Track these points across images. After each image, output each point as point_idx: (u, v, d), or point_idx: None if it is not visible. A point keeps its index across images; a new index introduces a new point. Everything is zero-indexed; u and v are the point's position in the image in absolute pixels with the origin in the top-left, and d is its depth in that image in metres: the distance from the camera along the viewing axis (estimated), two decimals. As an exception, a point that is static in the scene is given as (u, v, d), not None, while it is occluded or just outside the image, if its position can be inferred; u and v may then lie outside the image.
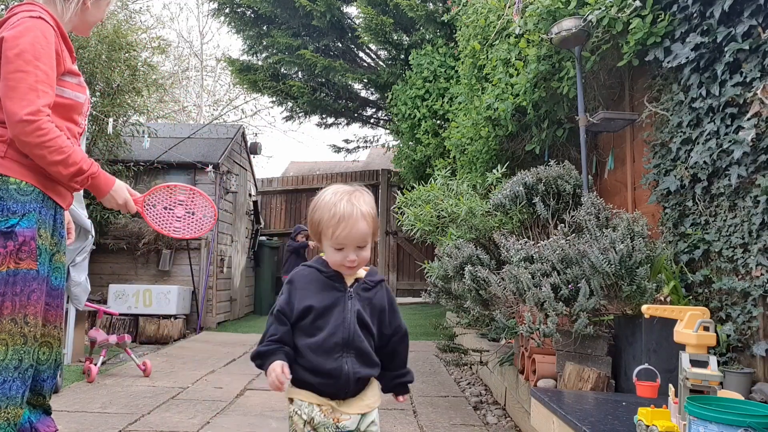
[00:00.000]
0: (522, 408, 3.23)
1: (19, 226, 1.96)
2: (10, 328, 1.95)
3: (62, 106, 2.09)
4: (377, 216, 1.61)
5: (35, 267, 2.00)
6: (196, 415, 3.49)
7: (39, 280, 2.02)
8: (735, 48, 2.72)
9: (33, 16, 2.00)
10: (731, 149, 2.73)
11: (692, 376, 1.83)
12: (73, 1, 2.16)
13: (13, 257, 1.95)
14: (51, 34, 2.02)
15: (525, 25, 4.18)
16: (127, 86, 6.89)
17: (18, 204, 1.99)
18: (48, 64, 1.98)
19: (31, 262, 1.99)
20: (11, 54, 1.93)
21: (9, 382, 1.96)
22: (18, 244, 1.96)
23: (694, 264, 3.06)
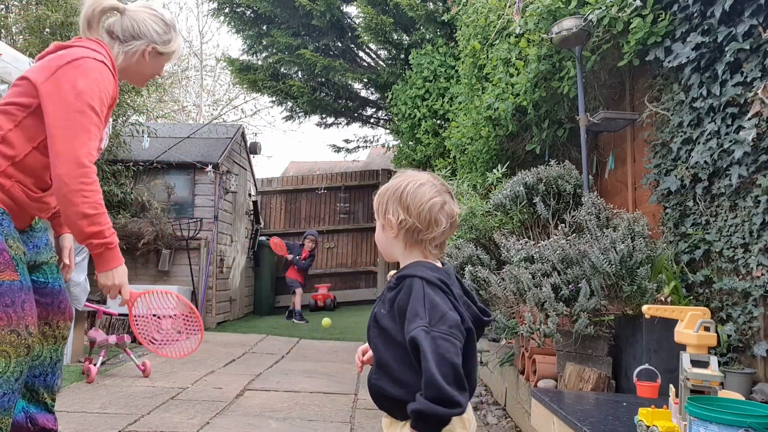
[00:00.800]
0: (522, 408, 3.23)
1: None
2: (12, 340, 1.91)
3: None
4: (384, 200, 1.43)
5: (17, 277, 1.94)
6: (196, 415, 3.49)
7: (25, 290, 1.95)
8: (736, 48, 2.72)
9: (98, 59, 1.99)
10: (732, 149, 2.73)
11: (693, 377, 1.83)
12: (132, 48, 2.14)
13: None
14: (110, 82, 2.03)
15: (525, 25, 4.18)
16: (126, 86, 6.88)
17: None
18: (102, 111, 1.98)
19: (11, 272, 1.92)
20: (72, 93, 1.91)
21: (9, 395, 1.94)
22: None
23: (695, 264, 3.06)
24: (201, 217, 7.88)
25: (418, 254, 1.40)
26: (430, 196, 1.37)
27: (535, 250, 3.17)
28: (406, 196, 1.38)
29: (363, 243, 10.88)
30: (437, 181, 1.42)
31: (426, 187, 1.39)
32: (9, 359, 1.90)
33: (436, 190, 1.39)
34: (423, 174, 1.43)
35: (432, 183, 1.40)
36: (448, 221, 1.38)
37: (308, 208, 11.13)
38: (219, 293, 8.12)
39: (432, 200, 1.37)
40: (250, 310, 9.82)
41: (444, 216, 1.37)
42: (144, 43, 2.15)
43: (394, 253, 1.44)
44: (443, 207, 1.38)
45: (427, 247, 1.39)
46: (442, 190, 1.40)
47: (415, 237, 1.39)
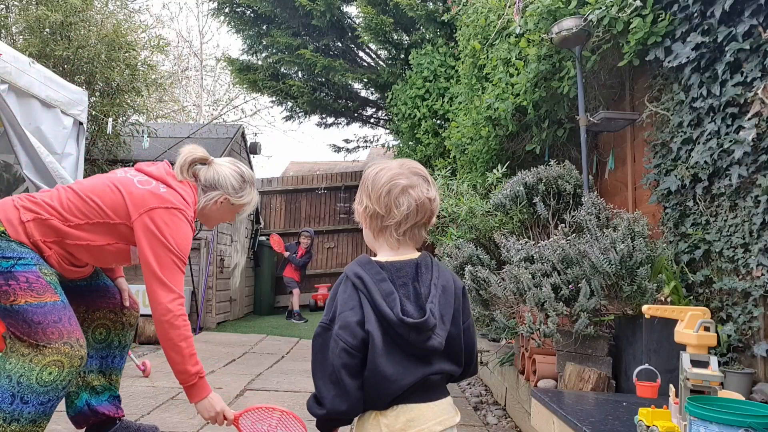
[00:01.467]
0: (522, 408, 3.23)
1: (18, 267, 2.12)
2: (67, 351, 2.12)
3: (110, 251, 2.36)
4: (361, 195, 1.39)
5: (58, 298, 2.17)
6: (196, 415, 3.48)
7: (68, 308, 2.20)
8: (736, 48, 2.72)
9: (187, 218, 2.29)
10: (732, 149, 2.73)
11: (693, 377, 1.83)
12: (209, 196, 2.45)
13: (28, 292, 2.10)
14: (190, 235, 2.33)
15: (525, 25, 4.18)
16: (126, 86, 6.88)
17: (14, 252, 2.14)
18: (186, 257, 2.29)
19: (52, 295, 2.15)
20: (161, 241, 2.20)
21: (53, 401, 2.15)
22: (24, 282, 2.11)
23: (695, 264, 3.06)
24: (201, 217, 7.86)
25: (383, 242, 1.35)
26: (390, 178, 1.31)
27: (535, 250, 3.17)
28: (368, 182, 1.35)
29: (363, 243, 10.85)
30: (408, 165, 1.35)
31: (386, 171, 1.33)
32: (62, 368, 2.12)
33: (400, 173, 1.32)
34: (392, 161, 1.37)
35: (398, 167, 1.34)
36: (413, 203, 1.30)
37: (308, 208, 11.13)
38: (219, 293, 8.12)
39: (392, 182, 1.31)
40: (250, 310, 9.82)
41: (406, 198, 1.30)
42: (220, 193, 2.46)
43: (370, 245, 1.40)
44: (406, 189, 1.30)
45: (392, 234, 1.32)
46: (410, 173, 1.33)
47: (379, 224, 1.33)
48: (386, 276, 1.28)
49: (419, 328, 1.24)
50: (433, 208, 1.35)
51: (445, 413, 1.31)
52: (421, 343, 1.25)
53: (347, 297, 1.28)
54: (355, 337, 1.24)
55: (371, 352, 1.24)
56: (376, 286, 1.26)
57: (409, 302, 1.28)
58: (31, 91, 4.44)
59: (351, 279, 1.29)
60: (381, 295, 1.26)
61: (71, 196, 2.25)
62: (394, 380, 1.25)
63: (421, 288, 1.30)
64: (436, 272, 1.33)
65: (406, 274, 1.31)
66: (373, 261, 1.32)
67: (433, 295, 1.28)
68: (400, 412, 1.27)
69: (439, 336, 1.27)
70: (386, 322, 1.24)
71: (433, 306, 1.27)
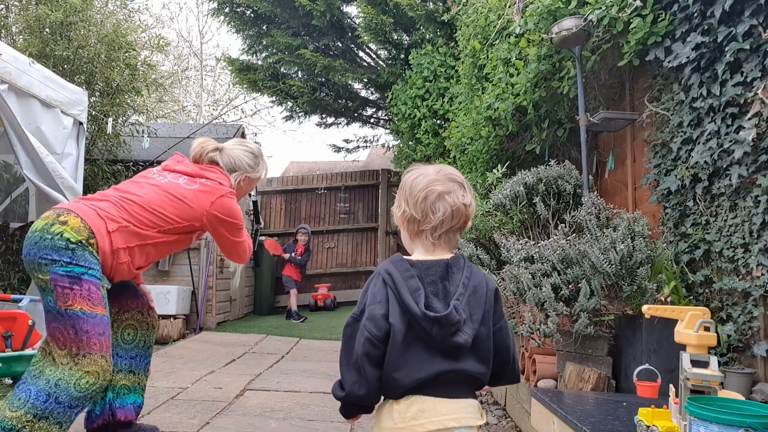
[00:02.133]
0: (522, 408, 3.23)
1: (86, 276, 2.25)
2: (102, 364, 2.24)
3: None
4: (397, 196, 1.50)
5: (106, 313, 2.30)
6: (196, 415, 3.49)
7: (110, 326, 2.34)
8: (736, 48, 2.72)
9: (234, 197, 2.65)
10: (732, 149, 2.73)
11: (693, 377, 1.83)
12: (232, 178, 2.72)
13: (86, 301, 2.22)
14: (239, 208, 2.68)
15: (525, 25, 4.18)
16: (126, 86, 6.89)
17: (87, 261, 2.27)
18: None
19: (103, 309, 2.28)
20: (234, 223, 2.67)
21: (79, 408, 2.23)
22: (87, 291, 2.23)
23: (695, 264, 3.06)
24: (201, 217, 7.86)
25: (419, 245, 1.40)
26: (426, 184, 1.36)
27: (535, 250, 3.17)
28: (406, 188, 1.40)
29: (363, 243, 10.87)
30: (445, 171, 1.40)
31: (424, 177, 1.38)
32: (97, 379, 2.23)
33: (436, 179, 1.37)
34: (432, 166, 1.42)
35: (435, 173, 1.39)
36: (449, 209, 1.35)
37: (308, 208, 11.13)
38: (219, 293, 8.12)
39: (428, 188, 1.36)
40: (250, 310, 9.82)
41: (442, 204, 1.35)
42: (240, 173, 2.74)
43: (407, 246, 1.45)
44: (442, 195, 1.35)
45: (428, 238, 1.38)
46: (447, 179, 1.38)
47: (416, 228, 1.39)
48: (415, 273, 1.34)
49: (441, 323, 1.28)
50: (469, 213, 1.40)
51: (463, 412, 1.33)
52: (446, 338, 1.29)
53: (376, 291, 1.35)
54: (380, 329, 1.30)
55: (391, 344, 1.30)
56: (404, 282, 1.32)
57: (437, 299, 1.33)
58: (31, 91, 4.44)
59: (381, 275, 1.35)
60: (408, 291, 1.31)
61: (137, 210, 2.43)
62: (411, 375, 1.30)
63: (451, 287, 1.35)
64: (468, 272, 1.38)
65: (435, 273, 1.36)
66: (404, 259, 1.38)
67: (460, 293, 1.33)
68: (413, 402, 1.31)
69: (466, 333, 1.31)
70: (411, 315, 1.30)
71: (459, 303, 1.31)
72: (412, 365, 1.30)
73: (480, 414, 1.36)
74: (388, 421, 1.32)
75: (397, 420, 1.31)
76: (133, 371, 2.74)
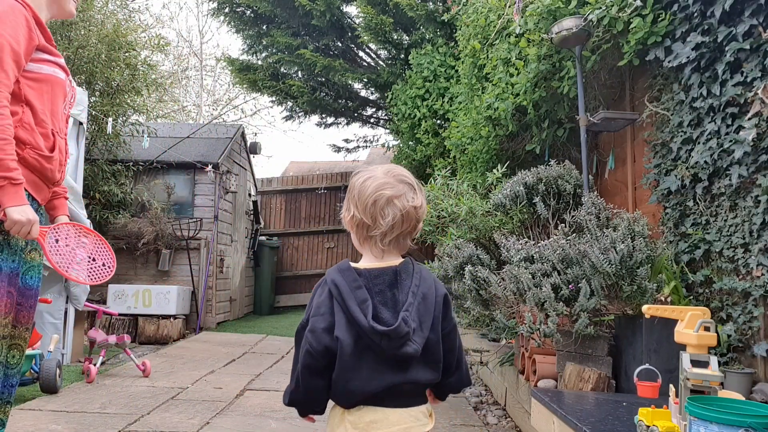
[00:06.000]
0: (522, 408, 3.23)
1: None
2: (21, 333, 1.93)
3: (42, 82, 2.08)
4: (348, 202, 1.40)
5: None
6: (196, 415, 3.49)
7: (1, 277, 1.94)
8: (736, 47, 2.72)
9: None
10: (732, 149, 2.73)
11: (693, 377, 1.83)
12: None
13: None
14: (20, 9, 2.01)
15: (525, 25, 4.18)
16: (126, 86, 6.89)
17: None
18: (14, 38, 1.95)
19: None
20: None
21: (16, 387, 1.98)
22: None
23: (695, 264, 3.06)
24: (201, 217, 7.88)
25: (368, 250, 1.36)
26: (375, 188, 1.31)
27: (535, 250, 3.17)
28: (354, 191, 1.35)
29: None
30: (394, 172, 1.35)
31: (373, 180, 1.33)
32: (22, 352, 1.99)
33: (385, 182, 1.32)
34: (380, 167, 1.37)
35: (383, 175, 1.33)
36: (398, 214, 1.30)
37: (308, 207, 11.13)
38: (219, 293, 8.12)
39: (377, 193, 1.31)
40: (250, 310, 9.82)
41: (392, 209, 1.30)
42: None
43: (357, 249, 1.41)
44: (391, 200, 1.30)
45: (377, 244, 1.33)
46: (396, 181, 1.33)
47: (365, 233, 1.34)
48: (362, 283, 1.30)
49: (390, 336, 1.25)
50: (419, 216, 1.36)
51: (413, 420, 1.32)
52: (395, 350, 1.26)
53: (321, 302, 1.31)
54: (319, 343, 1.27)
55: (339, 357, 1.26)
56: (351, 293, 1.28)
57: (386, 309, 1.29)
58: (31, 91, 4.43)
59: (328, 285, 1.32)
60: (355, 302, 1.27)
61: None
62: (360, 387, 1.28)
63: (400, 295, 1.31)
64: (417, 279, 1.33)
65: (383, 282, 1.32)
66: (351, 268, 1.33)
67: (409, 303, 1.29)
68: (365, 412, 1.30)
69: (416, 343, 1.28)
70: (359, 327, 1.26)
71: (408, 314, 1.28)
72: (362, 377, 1.27)
73: (429, 418, 1.36)
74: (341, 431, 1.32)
75: (349, 430, 1.30)
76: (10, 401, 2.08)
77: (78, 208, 4.69)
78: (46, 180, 2.12)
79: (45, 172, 2.08)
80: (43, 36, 2.12)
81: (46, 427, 3.12)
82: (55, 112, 2.14)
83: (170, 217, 7.64)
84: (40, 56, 2.09)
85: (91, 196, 6.67)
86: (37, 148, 2.03)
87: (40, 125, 2.07)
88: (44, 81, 2.09)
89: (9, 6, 2.00)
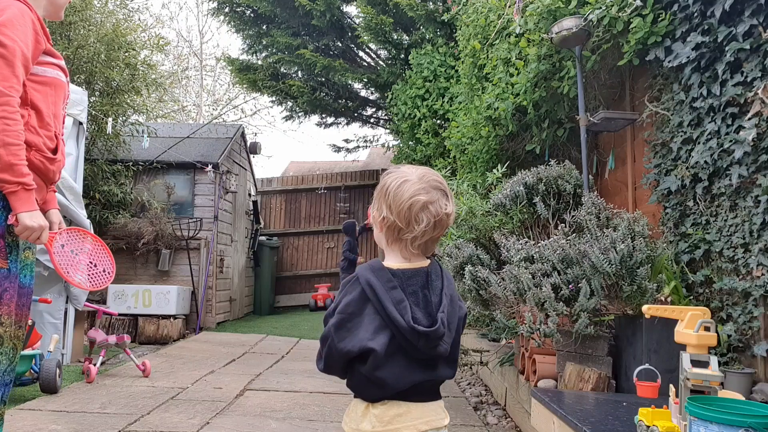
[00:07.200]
0: (522, 408, 3.23)
1: None
2: None
3: (46, 85, 2.10)
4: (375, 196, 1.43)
5: (6, 266, 1.97)
6: (196, 415, 3.49)
7: (11, 279, 1.98)
8: (736, 47, 2.72)
9: None
10: (732, 149, 2.73)
11: (693, 377, 1.83)
12: None
13: None
14: (28, 13, 2.04)
15: (525, 25, 4.18)
16: (126, 85, 6.89)
17: None
18: (25, 42, 1.97)
19: (1, 260, 1.95)
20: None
21: (9, 386, 1.97)
22: None
23: (695, 264, 3.06)
24: (201, 217, 7.88)
25: (396, 251, 1.37)
26: (411, 194, 1.32)
27: (535, 250, 3.17)
28: (388, 194, 1.35)
29: (363, 243, 10.88)
30: (428, 177, 1.36)
31: (409, 184, 1.34)
32: None
33: (421, 187, 1.33)
34: (414, 170, 1.38)
35: (418, 180, 1.34)
36: (432, 220, 1.32)
37: (308, 207, 11.14)
38: (219, 293, 8.12)
39: (413, 198, 1.32)
40: (250, 310, 9.82)
41: (426, 215, 1.31)
42: None
43: (381, 247, 1.43)
44: (426, 206, 1.32)
45: (407, 246, 1.35)
46: (431, 187, 1.34)
47: (396, 235, 1.35)
48: (397, 283, 1.32)
49: (429, 336, 1.29)
50: (449, 223, 1.38)
51: (433, 414, 1.36)
52: (430, 350, 1.30)
53: (350, 300, 1.32)
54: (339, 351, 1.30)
55: (373, 357, 1.28)
56: (387, 293, 1.30)
57: (418, 309, 1.32)
58: (31, 90, 4.43)
59: (362, 285, 1.32)
60: (392, 302, 1.29)
61: None
62: (392, 385, 1.30)
63: (432, 296, 1.34)
64: (446, 281, 1.37)
65: (416, 282, 1.35)
66: (385, 268, 1.34)
67: (444, 305, 1.33)
68: (390, 406, 1.33)
69: (446, 343, 1.32)
70: (396, 328, 1.28)
71: (444, 315, 1.32)
72: (395, 375, 1.30)
73: (445, 413, 1.40)
74: (366, 425, 1.33)
75: (375, 424, 1.33)
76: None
77: (78, 209, 4.69)
78: (47, 181, 2.16)
79: (48, 174, 2.12)
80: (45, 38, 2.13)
81: (46, 427, 3.12)
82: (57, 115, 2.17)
83: (170, 217, 7.64)
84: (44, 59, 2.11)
85: (91, 196, 6.67)
86: (42, 151, 2.06)
87: (45, 128, 2.09)
88: (49, 84, 2.12)
89: (19, 10, 2.01)
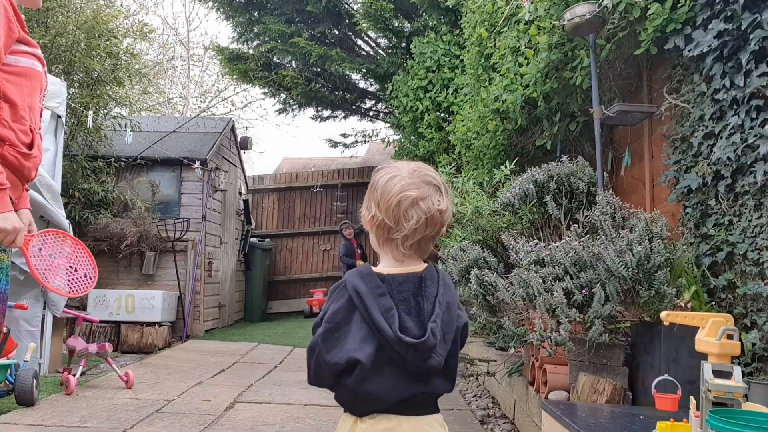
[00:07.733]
0: (532, 422, 3.23)
1: None
2: None
3: (20, 76, 2.08)
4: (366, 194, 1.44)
5: None
6: (182, 429, 3.50)
7: None
8: (761, 35, 2.72)
9: None
10: (757, 144, 2.73)
11: (715, 388, 1.83)
12: None
13: None
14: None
15: (535, 11, 4.18)
16: (107, 76, 6.89)
17: None
18: None
19: None
20: None
21: None
22: None
23: (717, 267, 3.07)
24: (188, 217, 7.88)
25: (388, 252, 1.37)
26: (400, 189, 1.32)
27: (545, 253, 3.17)
28: (376, 190, 1.36)
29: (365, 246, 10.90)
30: (420, 172, 1.35)
31: (398, 179, 1.33)
32: None
33: (411, 182, 1.32)
34: (405, 165, 1.37)
35: (409, 175, 1.34)
36: (423, 217, 1.30)
37: (303, 207, 11.14)
38: (207, 299, 8.12)
39: (402, 194, 1.31)
40: (241, 317, 9.83)
41: (416, 212, 1.30)
42: None
43: (375, 249, 1.42)
44: (416, 202, 1.31)
45: (398, 247, 1.33)
46: (422, 182, 1.33)
47: (386, 234, 1.34)
48: (386, 290, 1.30)
49: (417, 348, 1.27)
50: (444, 220, 1.36)
51: (428, 428, 1.34)
52: (420, 362, 1.28)
53: (337, 308, 1.32)
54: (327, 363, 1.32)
55: (359, 369, 1.27)
56: (374, 301, 1.28)
57: (409, 318, 1.30)
58: (6, 82, 4.44)
59: (348, 291, 1.32)
60: (379, 311, 1.28)
61: None
62: (380, 399, 1.29)
63: (425, 303, 1.32)
64: (442, 287, 1.34)
65: (408, 289, 1.33)
66: (374, 273, 1.33)
67: (437, 314, 1.30)
68: (379, 420, 1.31)
69: (439, 355, 1.29)
70: (383, 338, 1.27)
71: (435, 325, 1.29)
72: (383, 388, 1.28)
73: (444, 428, 1.38)
74: None
75: None
76: None
77: (56, 208, 4.69)
78: (23, 178, 2.14)
79: (23, 171, 2.10)
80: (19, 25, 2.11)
81: None
82: (32, 107, 2.15)
83: (155, 217, 7.64)
84: (17, 48, 2.09)
85: (70, 195, 6.68)
86: (16, 146, 2.05)
87: (20, 122, 2.07)
88: (23, 75, 2.10)
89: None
